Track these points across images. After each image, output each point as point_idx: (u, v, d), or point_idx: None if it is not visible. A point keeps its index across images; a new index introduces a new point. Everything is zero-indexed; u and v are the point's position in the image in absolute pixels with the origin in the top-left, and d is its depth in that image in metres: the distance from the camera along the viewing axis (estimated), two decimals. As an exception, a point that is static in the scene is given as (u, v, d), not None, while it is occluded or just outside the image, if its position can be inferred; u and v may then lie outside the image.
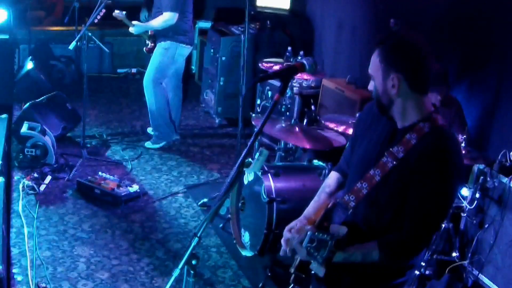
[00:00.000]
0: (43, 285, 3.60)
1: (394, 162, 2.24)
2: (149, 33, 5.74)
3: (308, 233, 2.20)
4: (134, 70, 7.97)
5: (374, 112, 2.43)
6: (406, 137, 2.24)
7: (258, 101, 6.00)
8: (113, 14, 5.53)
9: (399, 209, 2.25)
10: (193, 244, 2.04)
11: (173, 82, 5.87)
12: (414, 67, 2.24)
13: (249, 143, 2.18)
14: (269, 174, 3.81)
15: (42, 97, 5.68)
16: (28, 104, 5.52)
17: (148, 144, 5.85)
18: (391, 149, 2.26)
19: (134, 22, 5.61)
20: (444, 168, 2.18)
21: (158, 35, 5.60)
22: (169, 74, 5.71)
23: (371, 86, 2.34)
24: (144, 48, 5.93)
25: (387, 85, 2.25)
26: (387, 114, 2.33)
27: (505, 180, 3.68)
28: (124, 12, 5.58)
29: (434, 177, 2.18)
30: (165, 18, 5.39)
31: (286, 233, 2.40)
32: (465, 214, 3.89)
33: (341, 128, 4.18)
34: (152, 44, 5.74)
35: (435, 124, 2.25)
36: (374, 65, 2.28)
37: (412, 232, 2.23)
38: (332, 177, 2.64)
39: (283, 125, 4.23)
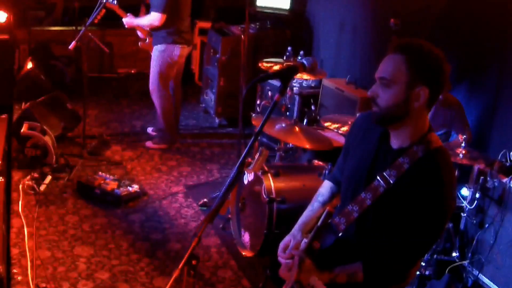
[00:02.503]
0: (43, 285, 3.60)
1: (386, 187, 2.21)
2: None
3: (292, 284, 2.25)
4: (134, 70, 7.97)
5: (366, 126, 2.37)
6: (399, 160, 2.20)
7: (258, 101, 5.99)
8: (107, 2, 5.44)
9: (388, 232, 2.24)
10: (193, 244, 2.05)
11: (171, 84, 5.86)
12: (440, 82, 2.18)
13: (249, 143, 2.18)
14: (269, 174, 3.81)
15: (42, 97, 5.68)
16: (28, 104, 5.52)
17: (149, 143, 5.85)
18: (384, 172, 2.22)
19: (128, 14, 5.58)
20: (435, 199, 2.15)
21: (154, 36, 5.57)
22: (172, 76, 5.69)
23: (374, 92, 2.22)
24: (140, 43, 5.92)
25: (411, 96, 2.16)
26: (389, 126, 2.26)
27: (505, 180, 3.68)
28: (115, 1, 5.55)
29: (425, 208, 2.15)
30: (151, 18, 5.37)
31: (280, 254, 2.45)
32: (465, 214, 3.89)
33: (341, 128, 4.18)
34: (148, 40, 5.71)
35: (429, 147, 2.20)
36: (397, 71, 2.15)
37: (398, 257, 2.23)
38: (326, 186, 2.63)
39: (283, 125, 4.23)
